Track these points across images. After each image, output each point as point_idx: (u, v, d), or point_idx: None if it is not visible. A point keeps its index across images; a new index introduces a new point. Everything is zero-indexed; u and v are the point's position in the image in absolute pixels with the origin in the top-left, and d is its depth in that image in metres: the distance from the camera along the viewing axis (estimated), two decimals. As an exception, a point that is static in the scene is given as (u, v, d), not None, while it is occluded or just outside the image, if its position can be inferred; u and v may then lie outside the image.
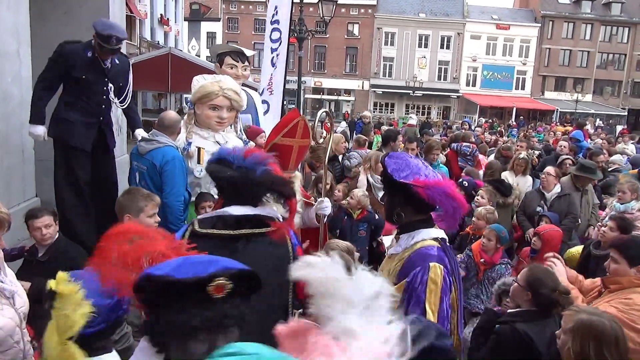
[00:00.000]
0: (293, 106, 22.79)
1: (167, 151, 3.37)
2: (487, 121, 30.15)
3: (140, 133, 4.26)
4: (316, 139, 7.98)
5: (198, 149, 3.39)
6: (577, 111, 37.17)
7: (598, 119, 33.32)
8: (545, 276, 2.63)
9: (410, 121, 14.01)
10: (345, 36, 42.81)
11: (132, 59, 12.86)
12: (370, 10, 42.39)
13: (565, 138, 10.48)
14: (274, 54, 6.62)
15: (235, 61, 4.25)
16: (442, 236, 2.30)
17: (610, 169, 7.51)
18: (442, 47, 42.96)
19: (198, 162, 3.38)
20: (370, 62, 43.09)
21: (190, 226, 2.14)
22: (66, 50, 4.00)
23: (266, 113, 6.50)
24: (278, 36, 6.73)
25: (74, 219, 4.09)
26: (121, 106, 4.37)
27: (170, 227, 3.13)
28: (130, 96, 4.41)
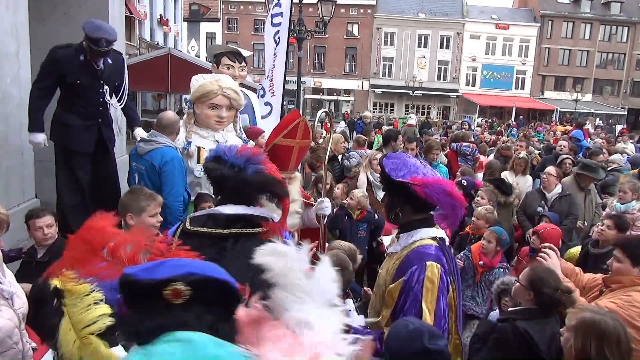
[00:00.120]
0: (293, 106, 22.78)
1: (166, 152, 3.36)
2: (487, 121, 30.15)
3: (139, 133, 4.26)
4: (316, 139, 7.99)
5: (198, 149, 3.38)
6: (577, 111, 37.18)
7: (598, 119, 33.32)
8: (547, 276, 2.62)
9: (409, 121, 14.00)
10: (344, 36, 42.82)
11: (132, 60, 12.91)
12: (369, 10, 42.39)
13: (565, 138, 10.48)
14: (274, 51, 6.55)
15: (232, 62, 4.23)
16: (442, 236, 2.29)
17: (609, 169, 7.49)
18: (442, 47, 42.98)
19: (198, 162, 3.37)
20: (369, 62, 43.09)
21: (182, 224, 2.13)
22: (58, 55, 3.97)
23: (269, 114, 6.45)
24: (277, 30, 6.64)
25: (75, 220, 4.08)
26: (116, 106, 4.35)
27: (169, 228, 3.11)
28: (126, 94, 4.36)
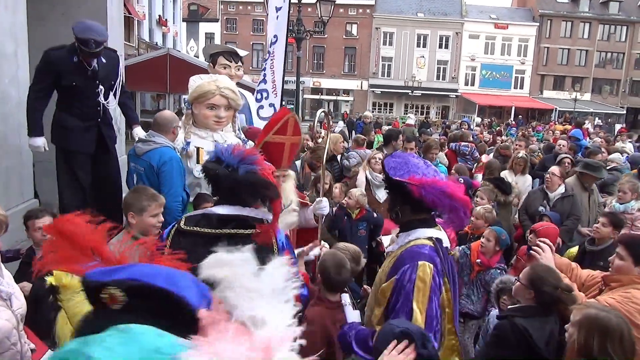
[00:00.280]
0: (292, 107, 22.74)
1: (164, 152, 3.34)
2: (484, 121, 30.08)
3: (138, 133, 4.24)
4: (316, 139, 7.98)
5: (197, 149, 3.37)
6: (576, 110, 37.20)
7: (597, 118, 33.35)
8: (547, 274, 2.61)
9: (408, 121, 14.01)
10: (343, 36, 42.83)
11: (130, 60, 12.89)
12: (368, 10, 42.40)
13: (564, 137, 10.47)
14: (271, 50, 6.50)
15: (228, 61, 4.22)
16: (439, 237, 2.27)
17: (608, 168, 7.49)
18: (441, 47, 42.99)
19: (197, 162, 3.36)
20: (368, 62, 43.10)
21: (177, 223, 2.14)
22: (52, 57, 3.95)
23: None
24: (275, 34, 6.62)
25: None
26: (110, 107, 4.30)
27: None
28: (119, 91, 4.31)
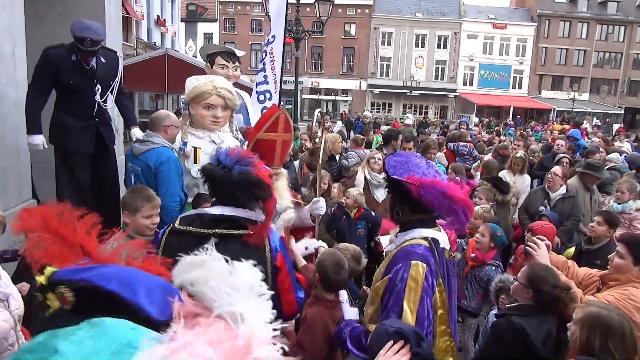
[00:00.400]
0: (290, 107, 22.72)
1: (162, 152, 3.33)
2: (484, 121, 30.10)
3: (135, 133, 4.23)
4: (314, 140, 7.97)
5: (194, 149, 3.36)
6: (574, 110, 37.26)
7: (595, 118, 33.39)
8: (545, 273, 2.61)
9: (406, 121, 13.98)
10: (342, 36, 42.84)
11: (129, 60, 12.89)
12: (367, 10, 42.41)
13: (562, 137, 10.48)
14: (264, 49, 6.49)
15: (226, 61, 4.21)
16: (435, 237, 2.24)
17: (606, 168, 7.51)
18: (439, 47, 43.03)
19: (195, 162, 3.35)
20: (367, 62, 43.11)
21: (172, 223, 2.14)
22: (51, 56, 3.95)
23: None
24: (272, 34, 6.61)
25: None
26: (107, 106, 4.28)
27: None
28: (114, 92, 4.29)
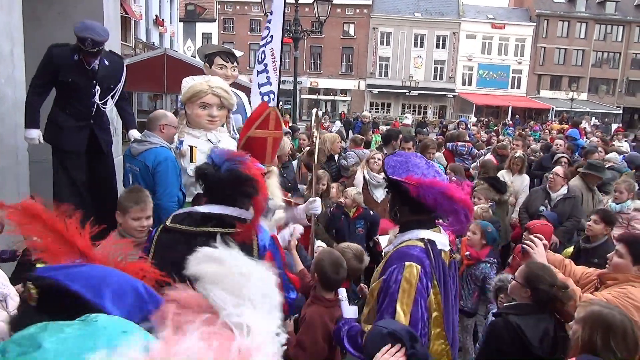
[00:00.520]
0: (289, 107, 22.72)
1: (159, 152, 3.32)
2: (480, 120, 30.10)
3: (134, 134, 4.23)
4: (312, 140, 7.96)
5: (190, 148, 3.36)
6: (573, 110, 37.32)
7: (594, 118, 33.45)
8: (543, 272, 2.61)
9: (405, 121, 14.01)
10: (340, 36, 42.85)
11: (127, 60, 12.85)
12: (365, 10, 42.43)
13: (561, 136, 10.50)
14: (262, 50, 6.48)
15: (224, 61, 4.20)
16: (432, 238, 2.21)
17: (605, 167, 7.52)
18: (438, 47, 43.06)
19: (191, 161, 3.34)
20: (366, 62, 43.12)
21: (165, 221, 2.17)
22: (53, 53, 3.98)
23: None
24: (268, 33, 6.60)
25: None
26: (104, 108, 4.29)
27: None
28: (116, 97, 4.33)
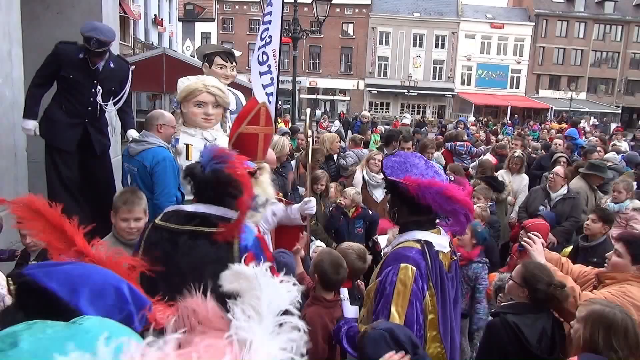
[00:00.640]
0: (288, 107, 22.73)
1: (157, 152, 3.32)
2: (479, 120, 30.09)
3: (131, 134, 4.23)
4: (306, 140, 7.95)
5: (186, 145, 3.37)
6: (571, 109, 37.36)
7: (593, 117, 33.49)
8: (540, 271, 2.61)
9: (404, 120, 14.02)
10: (339, 36, 42.85)
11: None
12: (364, 9, 42.42)
13: (559, 136, 10.51)
14: (262, 51, 6.48)
15: (225, 61, 4.22)
16: (429, 239, 2.18)
17: (604, 167, 7.53)
18: (437, 47, 43.08)
19: (187, 159, 3.35)
20: (365, 62, 43.12)
21: (155, 218, 2.18)
22: (59, 49, 4.06)
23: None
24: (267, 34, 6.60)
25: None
26: (108, 110, 4.38)
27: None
28: (122, 101, 4.42)
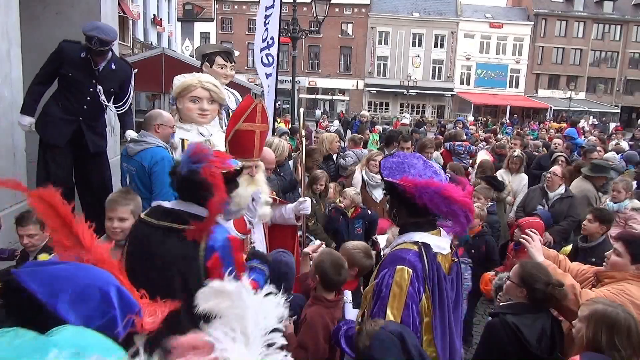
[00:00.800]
0: (287, 107, 22.70)
1: (156, 152, 3.33)
2: (478, 119, 30.11)
3: (130, 134, 4.23)
4: (300, 139, 7.96)
5: (182, 140, 3.39)
6: (571, 109, 37.37)
7: (592, 117, 33.50)
8: (537, 271, 2.61)
9: (403, 120, 14.03)
10: (339, 36, 42.83)
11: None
12: (364, 9, 42.41)
13: (559, 135, 10.52)
14: (265, 53, 6.51)
15: (225, 61, 4.25)
16: (427, 241, 2.15)
17: (603, 167, 7.52)
18: (436, 46, 43.07)
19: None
20: (364, 62, 43.11)
21: (141, 213, 2.26)
22: (62, 47, 4.11)
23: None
24: (267, 35, 6.63)
25: None
26: (117, 111, 4.46)
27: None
28: (126, 106, 4.51)
